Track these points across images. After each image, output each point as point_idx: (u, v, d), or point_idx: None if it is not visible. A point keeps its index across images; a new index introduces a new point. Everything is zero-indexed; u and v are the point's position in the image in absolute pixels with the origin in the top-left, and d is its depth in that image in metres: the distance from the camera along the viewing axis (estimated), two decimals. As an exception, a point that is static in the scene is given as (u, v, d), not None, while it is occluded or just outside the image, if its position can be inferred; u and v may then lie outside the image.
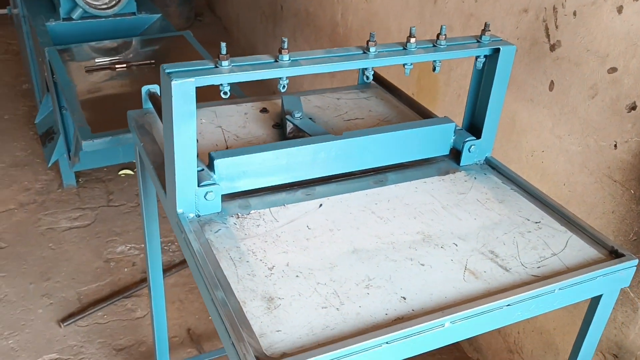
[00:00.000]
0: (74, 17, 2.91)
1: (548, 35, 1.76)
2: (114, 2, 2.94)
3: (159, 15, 3.13)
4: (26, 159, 3.41)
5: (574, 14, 1.65)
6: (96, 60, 2.65)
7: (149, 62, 2.69)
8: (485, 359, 2.33)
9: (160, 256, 1.87)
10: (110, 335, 2.40)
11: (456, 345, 2.47)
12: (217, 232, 1.20)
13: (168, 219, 1.30)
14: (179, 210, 1.21)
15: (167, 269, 2.72)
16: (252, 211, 1.27)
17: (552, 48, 1.75)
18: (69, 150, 2.78)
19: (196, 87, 1.09)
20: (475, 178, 1.45)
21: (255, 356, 0.91)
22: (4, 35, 5.06)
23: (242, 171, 1.27)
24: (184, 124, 1.11)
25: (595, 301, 1.23)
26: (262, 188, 1.32)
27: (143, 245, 2.29)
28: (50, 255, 2.76)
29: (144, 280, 2.66)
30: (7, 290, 2.56)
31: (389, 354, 0.98)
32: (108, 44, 2.84)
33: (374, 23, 2.77)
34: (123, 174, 3.34)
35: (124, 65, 2.63)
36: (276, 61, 1.16)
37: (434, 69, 1.34)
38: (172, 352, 2.31)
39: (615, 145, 1.59)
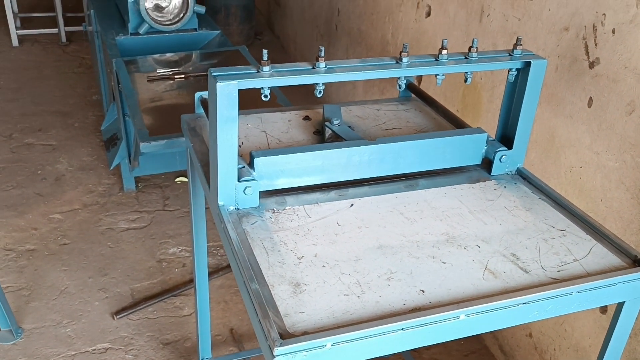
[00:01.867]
0: (140, 32, 3.13)
1: (587, 53, 1.79)
2: (177, 19, 3.15)
3: (219, 31, 3.31)
4: (92, 164, 3.65)
5: (613, 31, 1.68)
6: (157, 71, 2.85)
7: (205, 73, 2.86)
8: (522, 375, 2.32)
9: (206, 254, 1.99)
10: (158, 330, 2.53)
11: (493, 361, 2.47)
12: (253, 223, 1.30)
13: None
14: (220, 203, 1.32)
15: (215, 272, 2.85)
16: (288, 207, 1.37)
17: (591, 65, 1.78)
18: (129, 155, 2.97)
19: (244, 92, 1.21)
20: (505, 187, 1.50)
21: (278, 332, 1.00)
22: (80, 51, 5.42)
23: (279, 170, 1.37)
24: (226, 122, 1.22)
25: (619, 308, 1.25)
26: (298, 187, 1.42)
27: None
28: (108, 253, 2.95)
29: (192, 281, 2.79)
30: (68, 282, 2.75)
31: (404, 340, 1.05)
32: (170, 56, 3.04)
33: (422, 41, 2.85)
34: (179, 181, 3.52)
35: (183, 75, 2.81)
36: (313, 68, 1.26)
37: (466, 80, 1.41)
38: (214, 349, 2.42)
39: (652, 161, 1.60)
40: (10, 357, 2.36)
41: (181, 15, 3.15)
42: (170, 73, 2.84)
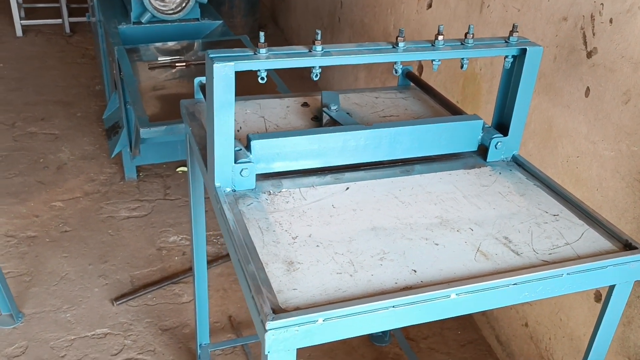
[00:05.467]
0: (143, 21, 3.14)
1: (585, 43, 1.80)
2: (179, 8, 3.16)
3: (221, 21, 3.32)
4: (94, 153, 3.67)
5: (610, 21, 1.69)
6: (159, 59, 2.86)
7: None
8: (517, 365, 2.33)
9: (205, 241, 2.01)
10: (157, 316, 2.55)
11: (489, 351, 2.48)
12: (249, 205, 1.31)
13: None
14: (217, 184, 1.33)
15: (214, 260, 2.87)
16: (283, 190, 1.38)
17: (589, 55, 1.79)
18: (130, 143, 2.99)
19: (245, 83, 1.22)
20: (500, 173, 1.51)
21: (271, 307, 1.01)
22: (83, 42, 5.44)
23: (276, 153, 1.38)
24: (223, 104, 1.24)
25: (609, 292, 1.27)
26: (294, 170, 1.43)
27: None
28: (108, 241, 2.97)
29: (191, 269, 2.81)
30: (68, 269, 2.77)
31: (394, 317, 1.06)
32: (172, 45, 3.06)
33: (424, 33, 2.85)
34: (180, 170, 3.54)
35: (184, 63, 2.83)
36: (310, 51, 1.28)
37: (462, 67, 1.42)
38: (213, 336, 2.44)
39: (647, 150, 1.61)
40: (11, 340, 2.38)
41: (183, 4, 3.17)
42: (172, 61, 2.86)
